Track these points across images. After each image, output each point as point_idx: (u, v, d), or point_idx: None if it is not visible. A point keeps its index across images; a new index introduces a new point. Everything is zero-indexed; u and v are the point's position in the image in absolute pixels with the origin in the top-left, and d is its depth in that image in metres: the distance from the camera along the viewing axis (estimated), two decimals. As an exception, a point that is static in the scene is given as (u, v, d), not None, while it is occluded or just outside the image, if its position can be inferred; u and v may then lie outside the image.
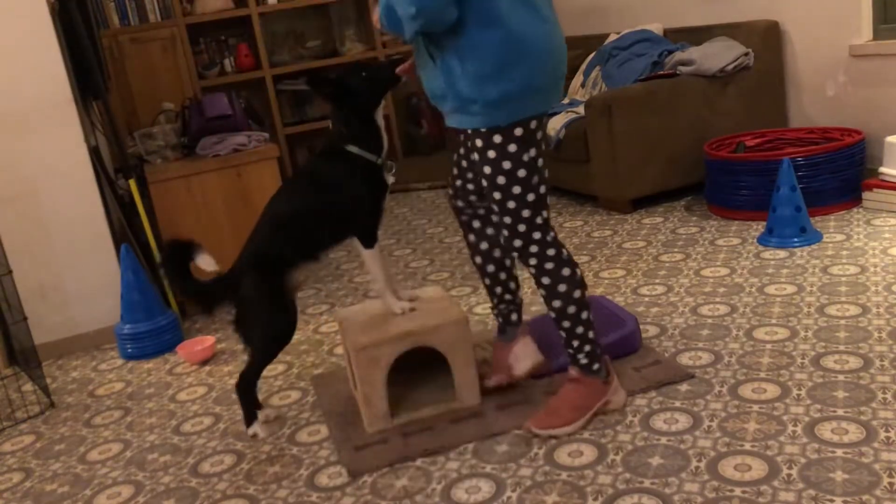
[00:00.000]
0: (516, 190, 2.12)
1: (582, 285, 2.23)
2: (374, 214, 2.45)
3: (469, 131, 2.14)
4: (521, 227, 2.16)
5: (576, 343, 2.26)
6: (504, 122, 2.07)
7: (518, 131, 2.08)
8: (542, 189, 2.16)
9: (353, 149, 2.40)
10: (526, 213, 2.14)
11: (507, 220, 2.16)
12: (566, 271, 2.20)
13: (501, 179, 2.12)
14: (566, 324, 2.23)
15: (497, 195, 2.14)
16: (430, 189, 5.54)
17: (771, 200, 3.46)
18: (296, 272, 2.46)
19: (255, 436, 2.47)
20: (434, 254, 4.11)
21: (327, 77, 2.41)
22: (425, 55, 2.10)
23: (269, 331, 2.43)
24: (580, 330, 2.24)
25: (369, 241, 2.45)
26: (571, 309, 2.21)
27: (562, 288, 2.20)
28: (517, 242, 2.18)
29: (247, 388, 2.47)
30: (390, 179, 2.46)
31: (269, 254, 2.43)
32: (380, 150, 2.42)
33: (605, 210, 4.36)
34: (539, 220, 2.16)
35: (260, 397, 2.77)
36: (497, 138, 2.08)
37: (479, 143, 2.12)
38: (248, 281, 2.42)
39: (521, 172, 2.11)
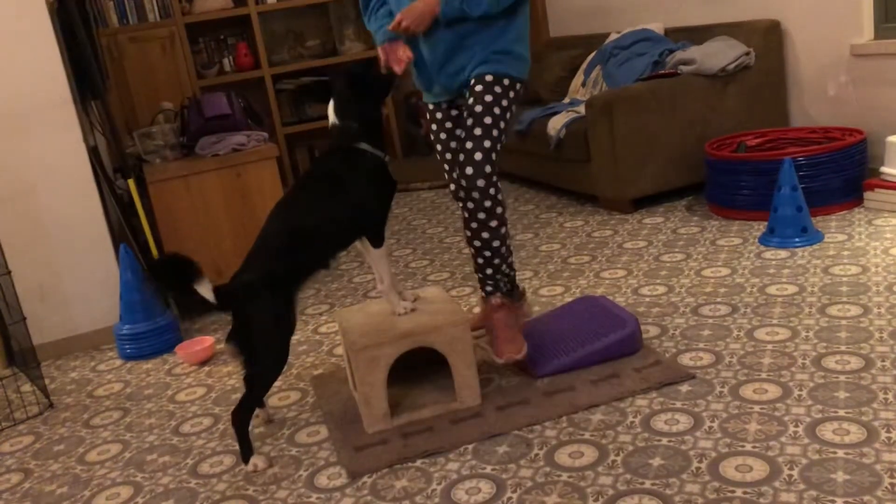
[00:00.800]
0: (495, 132, 2.50)
1: (506, 223, 2.61)
2: (384, 213, 2.44)
3: (485, 76, 2.51)
4: (485, 164, 2.49)
5: (489, 271, 2.63)
6: (516, 75, 2.54)
7: (518, 86, 2.56)
8: (504, 143, 2.55)
9: (363, 146, 2.38)
10: (493, 155, 2.51)
11: (478, 155, 2.48)
12: (499, 210, 2.54)
13: (489, 119, 2.50)
14: (487, 253, 2.58)
15: (478, 131, 2.49)
16: (430, 189, 5.53)
17: (772, 200, 3.46)
18: (306, 284, 2.36)
19: (255, 469, 2.30)
20: (434, 254, 4.10)
21: (345, 70, 2.44)
22: (451, 37, 2.50)
23: (277, 358, 2.31)
24: (497, 261, 2.61)
25: (379, 240, 2.43)
26: (496, 243, 2.57)
27: (493, 223, 2.53)
28: (469, 170, 2.48)
29: (246, 420, 2.31)
30: None
31: (285, 270, 2.29)
32: (384, 147, 2.44)
33: (605, 210, 4.36)
34: (495, 160, 2.53)
35: (259, 398, 2.77)
36: (506, 81, 2.52)
37: (481, 87, 2.51)
38: (259, 301, 2.26)
39: (503, 122, 2.53)
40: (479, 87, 2.51)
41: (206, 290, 2.21)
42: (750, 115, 4.25)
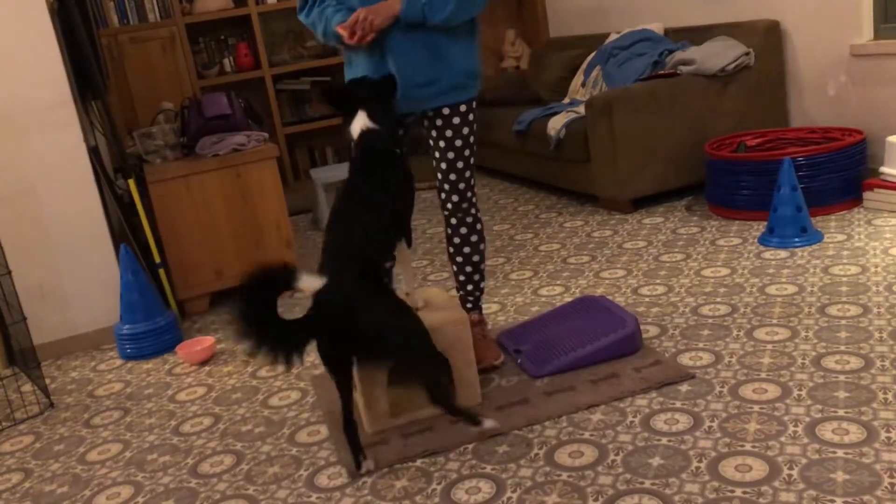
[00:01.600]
0: (466, 153, 2.59)
1: (485, 241, 2.74)
2: (411, 213, 2.49)
3: (460, 106, 2.55)
4: (462, 185, 2.61)
5: (470, 287, 2.74)
6: (475, 93, 2.58)
7: (476, 103, 2.61)
8: (475, 158, 2.65)
9: (398, 152, 2.42)
10: (468, 173, 2.61)
11: (452, 176, 2.59)
12: (479, 226, 2.69)
13: (467, 151, 2.59)
14: (469, 269, 2.72)
15: (451, 155, 2.58)
16: (430, 189, 5.52)
17: (772, 200, 3.46)
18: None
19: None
20: (434, 254, 4.10)
21: (369, 81, 2.43)
22: (419, 48, 2.45)
23: (429, 339, 2.17)
24: (478, 277, 2.74)
25: (411, 239, 2.46)
26: (476, 258, 2.71)
27: (474, 238, 2.68)
28: (455, 198, 2.62)
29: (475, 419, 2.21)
30: None
31: (376, 264, 2.20)
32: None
33: (605, 210, 4.36)
34: (472, 182, 2.63)
35: (259, 398, 2.77)
36: (474, 104, 2.58)
37: (458, 119, 2.54)
38: (372, 303, 2.09)
39: (472, 139, 2.60)
40: (456, 120, 2.55)
41: (310, 284, 2.04)
42: (750, 115, 4.26)
